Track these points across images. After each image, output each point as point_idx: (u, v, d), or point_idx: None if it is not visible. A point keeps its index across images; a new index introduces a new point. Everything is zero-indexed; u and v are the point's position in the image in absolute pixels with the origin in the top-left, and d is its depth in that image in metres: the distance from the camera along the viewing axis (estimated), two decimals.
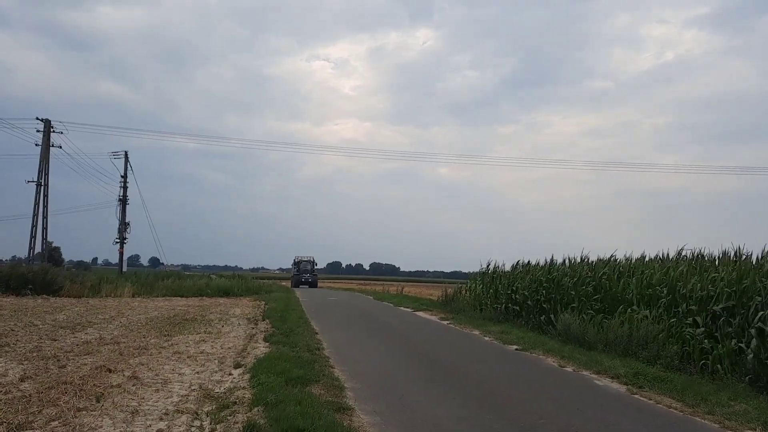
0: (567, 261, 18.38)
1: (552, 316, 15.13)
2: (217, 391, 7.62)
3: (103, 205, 75.94)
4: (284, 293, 29.99)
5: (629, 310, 12.65)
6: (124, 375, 8.59)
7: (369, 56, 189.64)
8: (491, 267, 22.38)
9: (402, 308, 23.16)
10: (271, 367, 8.49)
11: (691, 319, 11.13)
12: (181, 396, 7.40)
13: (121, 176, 44.08)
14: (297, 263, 55.62)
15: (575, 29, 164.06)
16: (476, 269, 22.98)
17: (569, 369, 9.95)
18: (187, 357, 10.25)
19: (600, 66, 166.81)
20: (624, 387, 8.56)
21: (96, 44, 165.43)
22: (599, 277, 14.62)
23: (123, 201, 43.90)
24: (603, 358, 10.43)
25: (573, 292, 14.66)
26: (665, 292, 12.24)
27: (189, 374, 8.76)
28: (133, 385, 7.97)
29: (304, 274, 53.45)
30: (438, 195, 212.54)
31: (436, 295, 34.52)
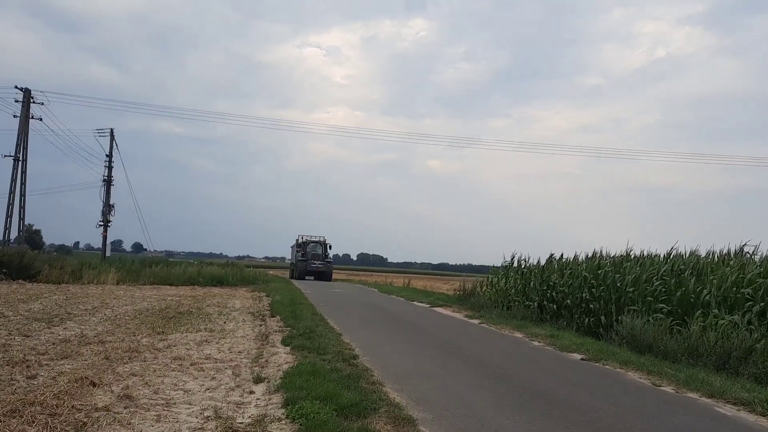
0: (606, 257, 16.48)
1: (603, 317, 13.20)
2: (240, 421, 5.56)
3: (86, 186, 72.92)
4: (283, 284, 27.80)
5: (711, 315, 10.73)
6: (112, 391, 6.50)
7: (362, 45, 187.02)
8: (516, 260, 20.48)
9: (416, 303, 21.10)
10: (307, 386, 6.42)
11: None
12: (193, 429, 5.34)
13: (106, 155, 41.57)
14: (302, 245, 42.06)
15: (569, 24, 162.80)
16: (463, 262, 21.12)
17: (668, 389, 7.98)
18: (191, 365, 8.17)
19: (592, 62, 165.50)
20: None
21: (87, 26, 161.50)
22: (665, 275, 12.67)
23: (108, 181, 41.38)
24: (703, 375, 8.46)
25: (633, 291, 12.68)
26: (760, 295, 10.33)
27: (197, 391, 6.68)
28: (125, 408, 5.90)
29: (312, 261, 40.50)
30: (428, 187, 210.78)
31: (443, 288, 32.71)
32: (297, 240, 44.08)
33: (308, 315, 13.68)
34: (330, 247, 43.29)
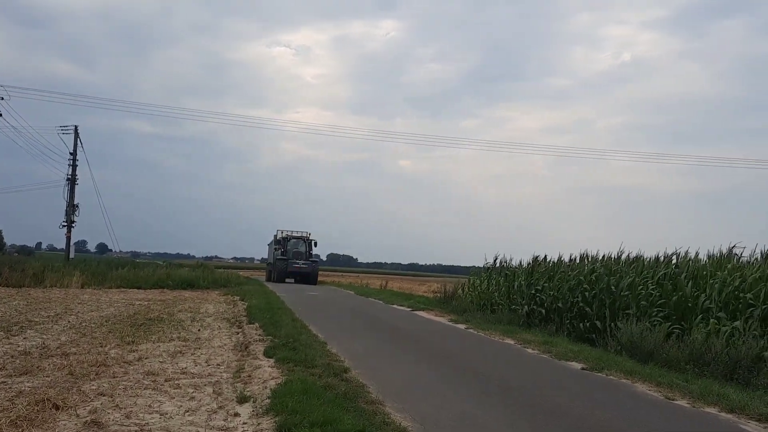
0: (595, 259, 16.06)
1: (598, 323, 12.72)
2: None
3: (49, 184, 70.55)
4: (257, 287, 26.87)
5: (712, 320, 10.29)
6: (78, 416, 5.74)
7: (332, 45, 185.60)
8: (498, 261, 19.99)
9: (397, 307, 20.45)
10: (301, 408, 5.70)
11: None
12: None
13: (70, 153, 40.04)
14: (282, 242, 36.72)
15: (539, 26, 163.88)
16: (433, 262, 20.66)
17: (683, 403, 7.46)
18: (165, 380, 7.39)
19: (561, 64, 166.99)
20: None
21: (49, 22, 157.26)
22: (660, 279, 12.24)
23: (72, 180, 39.83)
24: (717, 387, 7.95)
25: (628, 295, 12.22)
26: (761, 299, 9.91)
27: (175, 414, 5.93)
28: None
29: (295, 260, 35.45)
30: (398, 187, 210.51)
31: (420, 290, 32.14)
32: (275, 236, 38.37)
33: (288, 321, 12.93)
34: (315, 244, 38.00)
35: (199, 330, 12.10)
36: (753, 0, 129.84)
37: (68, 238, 39.73)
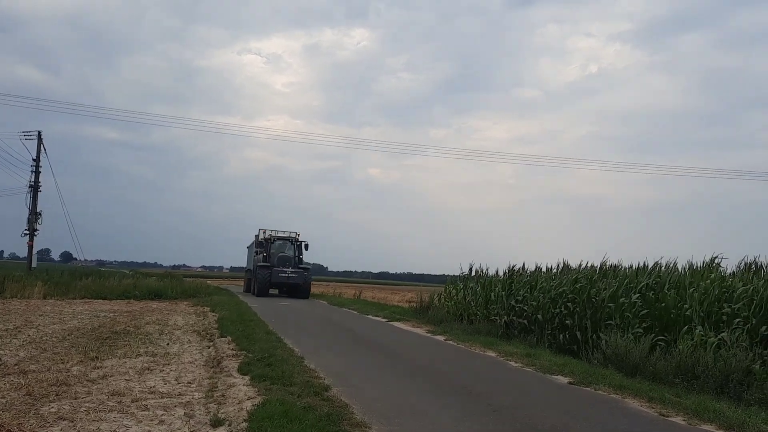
0: (574, 269, 15.86)
1: (578, 334, 12.46)
2: None
3: (11, 192, 68.50)
4: (227, 297, 26.13)
5: (699, 332, 10.07)
6: None
7: (303, 53, 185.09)
8: (474, 271, 19.70)
9: (372, 317, 20.00)
10: None
11: None
12: None
13: (33, 159, 38.77)
14: (265, 244, 30.74)
15: (508, 38, 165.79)
16: (403, 270, 20.33)
17: (679, 420, 7.17)
18: (132, 401, 6.86)
19: (529, 75, 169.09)
20: None
21: (13, 26, 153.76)
22: (643, 290, 12.02)
23: (34, 187, 38.52)
24: (711, 403, 7.69)
25: (611, 306, 11.97)
26: (753, 311, 9.72)
27: None
28: None
29: (281, 268, 29.20)
30: (368, 195, 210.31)
31: (393, 299, 31.74)
32: (256, 236, 32.52)
33: (262, 335, 12.41)
34: (306, 247, 31.55)
35: (168, 344, 11.52)
36: (714, 15, 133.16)
37: (30, 247, 38.40)
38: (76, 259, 63.56)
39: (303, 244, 31.63)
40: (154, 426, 5.91)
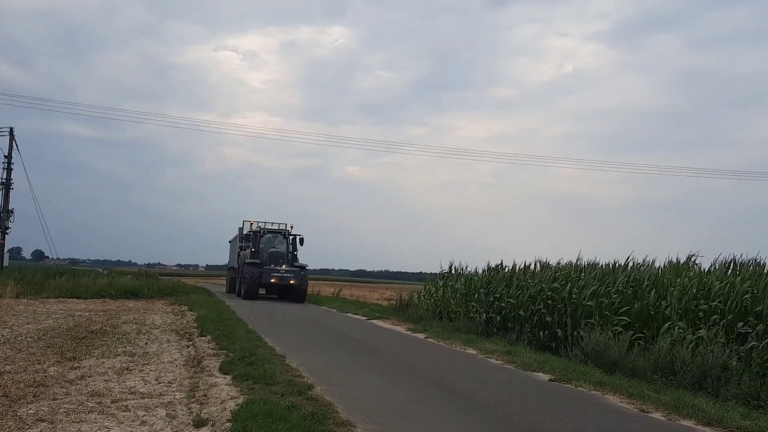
0: (552, 267, 16.01)
1: (558, 331, 12.57)
2: None
3: None
4: (205, 296, 25.87)
5: (677, 329, 10.20)
6: None
7: (280, 50, 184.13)
8: (454, 268, 19.77)
9: (352, 315, 19.96)
10: None
11: None
12: None
13: (5, 156, 38.02)
14: (252, 237, 26.75)
15: (485, 37, 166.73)
16: (381, 268, 20.29)
17: (658, 416, 7.27)
18: (112, 402, 6.75)
19: (506, 74, 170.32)
20: None
21: None
22: (621, 287, 12.16)
23: (6, 185, 37.75)
24: (689, 399, 7.79)
25: (591, 304, 12.09)
26: (729, 307, 9.88)
27: None
28: None
29: (273, 266, 25.35)
30: (346, 193, 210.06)
31: (372, 297, 31.73)
32: (241, 229, 28.87)
33: (242, 333, 12.31)
34: (301, 241, 27.11)
35: (146, 343, 11.38)
36: (687, 15, 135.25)
37: (2, 245, 37.70)
38: (48, 257, 62.47)
39: (297, 238, 27.11)
40: (135, 427, 5.82)
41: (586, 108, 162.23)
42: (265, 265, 25.42)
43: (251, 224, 27.80)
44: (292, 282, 24.93)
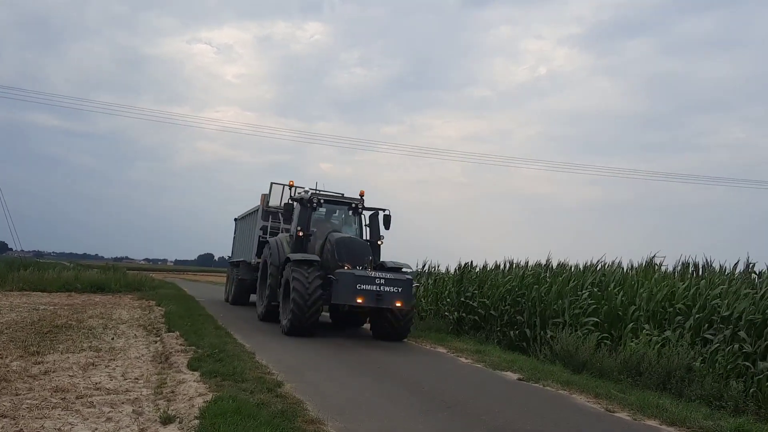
0: (528, 266, 16.16)
1: (528, 331, 12.69)
2: None
3: None
4: (173, 290, 25.55)
5: (645, 331, 10.37)
6: None
7: (255, 44, 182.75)
8: (427, 267, 19.82)
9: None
10: (235, 431, 5.17)
11: (737, 345, 8.98)
12: None
13: None
14: (300, 212, 14.33)
15: (461, 37, 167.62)
16: None
17: (624, 416, 7.38)
18: (77, 398, 6.62)
19: (482, 75, 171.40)
20: None
21: None
22: (589, 288, 12.32)
23: None
24: (654, 399, 7.94)
25: (560, 304, 12.22)
26: (696, 310, 10.06)
27: None
28: None
29: (359, 272, 12.35)
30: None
31: None
32: (266, 198, 18.90)
33: (211, 329, 12.20)
34: (388, 221, 14.53)
35: (113, 338, 11.19)
36: (657, 21, 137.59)
37: None
38: (11, 249, 61.06)
39: (381, 215, 14.78)
40: (101, 424, 5.72)
41: (559, 110, 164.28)
42: (335, 267, 12.91)
43: (292, 189, 16.31)
44: (398, 304, 12.38)
